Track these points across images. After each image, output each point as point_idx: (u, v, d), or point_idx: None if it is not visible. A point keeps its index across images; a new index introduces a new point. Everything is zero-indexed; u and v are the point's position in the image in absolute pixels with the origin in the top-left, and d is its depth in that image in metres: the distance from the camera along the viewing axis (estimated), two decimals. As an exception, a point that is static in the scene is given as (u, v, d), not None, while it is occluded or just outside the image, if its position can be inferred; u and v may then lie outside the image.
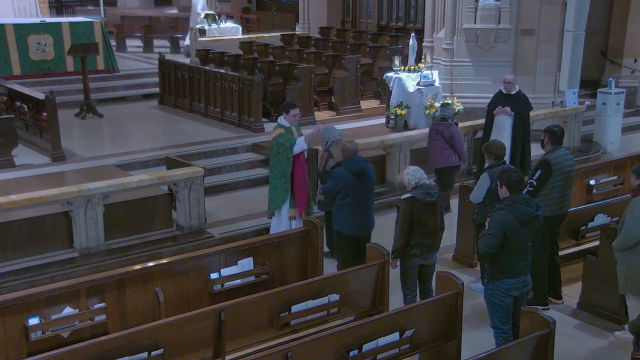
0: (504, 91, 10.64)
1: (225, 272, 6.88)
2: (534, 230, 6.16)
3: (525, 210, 6.02)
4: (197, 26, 18.98)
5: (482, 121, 11.16)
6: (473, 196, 7.58)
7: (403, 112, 12.79)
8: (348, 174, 7.44)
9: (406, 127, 12.72)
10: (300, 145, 8.37)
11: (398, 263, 6.92)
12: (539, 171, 7.35)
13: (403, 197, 6.88)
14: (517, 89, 10.74)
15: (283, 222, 8.51)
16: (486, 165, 7.70)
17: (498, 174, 6.95)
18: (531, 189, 7.25)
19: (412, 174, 6.86)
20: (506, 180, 6.14)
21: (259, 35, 19.75)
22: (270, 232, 8.47)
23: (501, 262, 6.06)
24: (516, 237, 6.00)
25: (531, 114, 10.99)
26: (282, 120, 8.51)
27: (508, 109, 10.48)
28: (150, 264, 6.69)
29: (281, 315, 6.10)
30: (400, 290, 7.13)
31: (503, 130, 10.50)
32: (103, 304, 6.28)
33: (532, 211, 6.05)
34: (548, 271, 7.59)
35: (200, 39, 18.09)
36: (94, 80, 15.11)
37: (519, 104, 10.60)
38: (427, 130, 11.83)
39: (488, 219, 6.18)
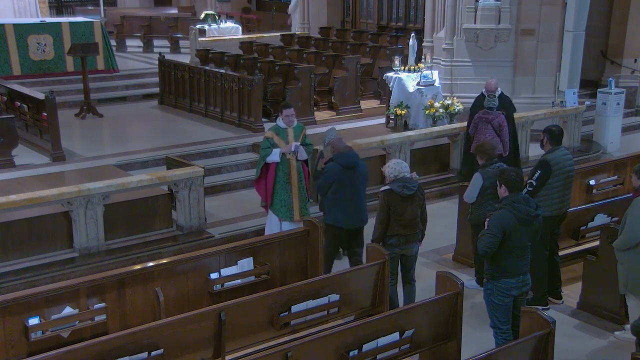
0: (486, 95, 10.35)
1: (225, 272, 6.88)
2: (534, 229, 6.17)
3: (525, 210, 6.02)
4: (198, 26, 18.98)
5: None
6: (467, 196, 7.62)
7: (403, 112, 12.79)
8: (339, 168, 7.47)
9: (406, 127, 12.73)
10: (273, 157, 8.32)
11: None
12: (539, 171, 7.35)
13: (381, 189, 7.00)
14: (500, 92, 10.71)
15: (273, 224, 8.53)
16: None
17: (491, 174, 6.99)
18: (531, 189, 7.25)
19: (392, 167, 6.98)
20: (505, 180, 6.15)
21: (259, 35, 19.75)
22: (265, 234, 8.49)
23: (500, 261, 6.07)
24: (515, 237, 6.01)
25: (531, 114, 10.93)
26: (279, 121, 8.54)
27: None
28: (150, 264, 6.69)
29: (281, 315, 6.10)
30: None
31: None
32: (103, 304, 6.28)
33: (531, 210, 6.06)
34: (548, 271, 7.59)
35: (200, 39, 18.08)
36: (94, 80, 15.10)
37: (505, 105, 10.56)
38: (426, 130, 11.89)
39: (487, 219, 6.19)
